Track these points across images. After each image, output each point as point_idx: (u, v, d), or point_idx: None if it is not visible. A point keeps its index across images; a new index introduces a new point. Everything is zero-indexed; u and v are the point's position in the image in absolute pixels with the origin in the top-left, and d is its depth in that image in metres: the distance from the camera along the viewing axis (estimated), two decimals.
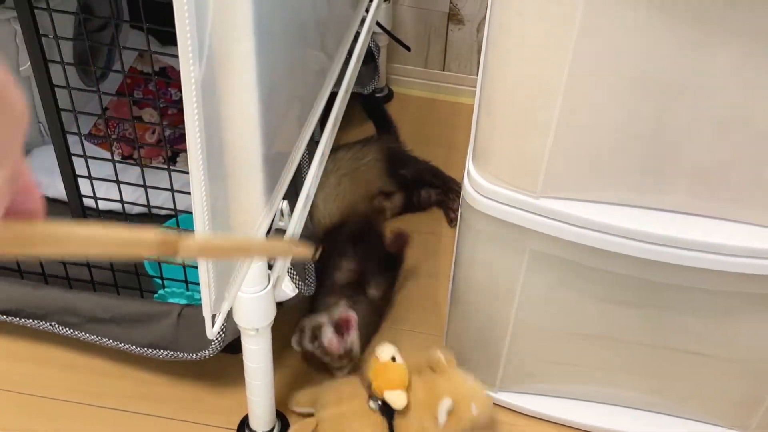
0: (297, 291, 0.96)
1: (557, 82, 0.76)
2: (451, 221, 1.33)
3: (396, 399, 0.93)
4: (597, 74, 0.75)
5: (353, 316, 1.02)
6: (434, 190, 1.35)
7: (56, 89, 0.88)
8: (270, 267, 0.86)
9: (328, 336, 1.00)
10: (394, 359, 0.96)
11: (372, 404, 0.95)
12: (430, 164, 1.37)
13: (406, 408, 0.94)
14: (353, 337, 1.01)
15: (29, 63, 1.02)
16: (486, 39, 0.83)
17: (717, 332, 0.92)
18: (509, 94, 0.81)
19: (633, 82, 0.74)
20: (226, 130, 0.68)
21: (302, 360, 1.05)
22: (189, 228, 0.97)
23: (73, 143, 0.94)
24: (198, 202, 0.64)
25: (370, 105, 1.44)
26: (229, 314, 0.89)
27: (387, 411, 0.94)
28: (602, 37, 0.72)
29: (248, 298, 0.83)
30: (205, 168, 0.62)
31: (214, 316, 0.70)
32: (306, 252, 0.42)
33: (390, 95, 1.59)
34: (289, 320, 1.05)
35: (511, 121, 0.82)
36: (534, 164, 0.82)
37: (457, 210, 1.34)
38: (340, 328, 1.01)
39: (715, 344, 0.93)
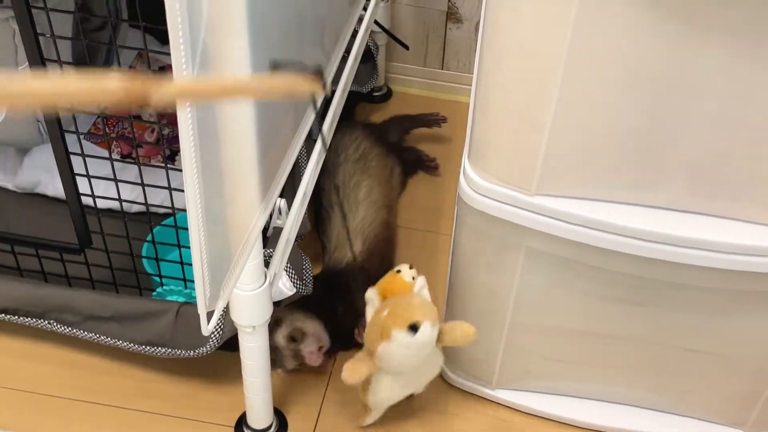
0: (295, 290, 0.96)
1: (552, 80, 0.76)
2: (435, 169, 1.39)
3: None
4: (591, 72, 0.75)
5: (322, 351, 1.03)
6: (416, 153, 1.40)
7: None
8: (267, 265, 0.87)
9: (310, 348, 1.02)
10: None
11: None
12: (399, 116, 1.45)
13: None
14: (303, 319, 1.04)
15: (27, 63, 1.03)
16: (481, 37, 0.84)
17: (714, 329, 0.92)
18: (504, 93, 0.81)
19: (627, 79, 0.75)
20: (221, 128, 0.69)
21: None
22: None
23: (72, 143, 0.94)
24: (192, 201, 0.64)
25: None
26: (227, 311, 0.90)
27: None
28: (596, 34, 0.72)
29: (245, 295, 0.83)
30: (198, 166, 0.63)
31: (209, 314, 0.70)
32: (312, 87, 0.36)
33: (389, 94, 1.59)
34: None
35: (507, 119, 0.82)
36: (529, 162, 0.83)
37: (434, 158, 1.38)
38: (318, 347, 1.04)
39: (712, 341, 0.94)
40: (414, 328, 0.89)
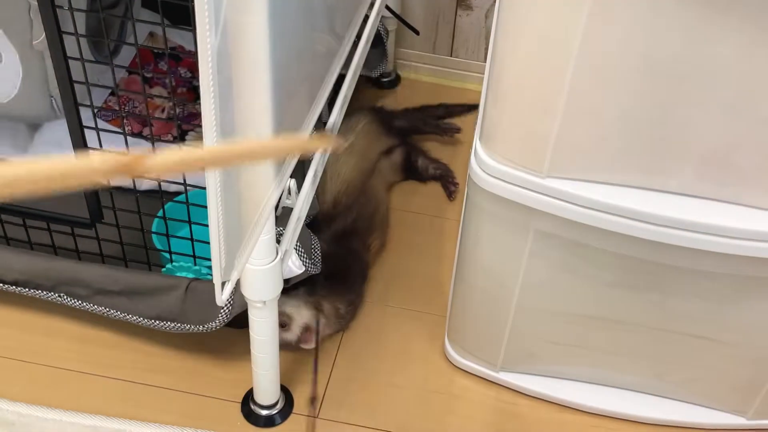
0: (304, 268, 0.97)
1: (565, 65, 0.76)
2: (451, 194, 1.36)
3: None
4: (605, 57, 0.76)
5: (311, 336, 1.07)
6: (432, 163, 1.38)
7: (70, 62, 0.89)
8: (278, 241, 0.88)
9: (297, 334, 1.05)
10: None
11: None
12: (420, 109, 1.43)
13: None
14: (292, 304, 1.07)
15: (42, 37, 1.03)
16: (496, 20, 0.84)
17: (721, 316, 0.93)
18: (518, 76, 0.82)
19: (641, 64, 0.75)
20: (239, 104, 0.70)
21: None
22: (200, 203, 0.98)
23: (86, 119, 0.95)
24: (211, 175, 0.65)
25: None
26: (236, 287, 0.91)
27: None
28: (611, 19, 0.73)
29: (256, 270, 0.84)
30: (218, 138, 0.64)
31: (223, 284, 0.71)
32: (324, 144, 0.35)
33: (397, 80, 1.60)
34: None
35: (520, 102, 0.83)
36: (541, 144, 0.83)
37: (457, 184, 1.37)
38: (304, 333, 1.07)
39: (719, 328, 0.94)
40: None
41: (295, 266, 0.97)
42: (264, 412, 1.01)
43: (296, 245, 0.96)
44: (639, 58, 0.75)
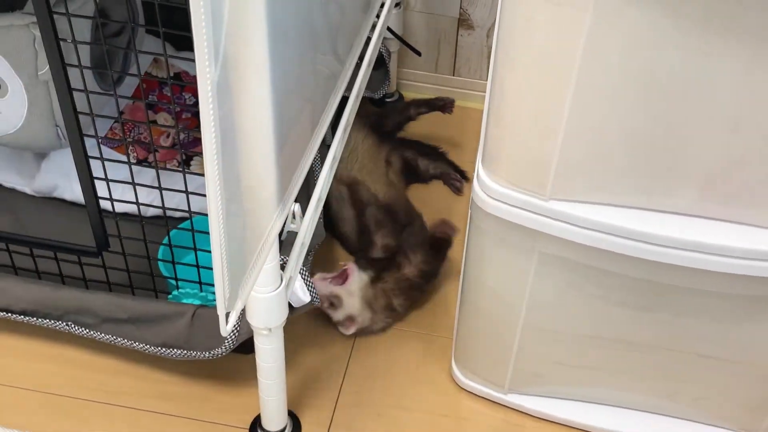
0: (309, 297, 0.96)
1: (566, 86, 0.77)
2: (457, 190, 1.37)
3: None
4: (606, 77, 0.76)
5: (353, 326, 1.11)
6: (432, 162, 1.37)
7: (74, 93, 0.90)
8: (282, 267, 0.88)
9: (340, 318, 1.10)
10: None
11: None
12: (407, 104, 1.43)
13: None
14: (346, 289, 1.11)
15: (47, 68, 1.04)
16: (495, 43, 0.84)
17: (729, 335, 0.92)
18: (518, 98, 0.82)
19: (642, 84, 0.75)
20: (240, 132, 0.70)
21: None
22: (205, 229, 0.98)
23: (90, 147, 0.96)
24: (213, 203, 0.65)
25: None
26: (242, 313, 0.91)
27: None
28: (611, 40, 0.73)
29: (261, 297, 0.84)
30: (220, 169, 0.64)
31: (227, 314, 0.71)
32: None
33: (400, 100, 1.61)
34: (302, 318, 1.07)
35: (520, 125, 0.83)
36: (543, 167, 0.83)
37: (461, 179, 1.37)
38: (338, 279, 1.10)
39: (727, 347, 0.94)
40: None
41: (301, 294, 0.97)
42: None
43: (301, 270, 0.96)
44: (640, 77, 0.75)
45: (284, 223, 0.92)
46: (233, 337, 0.96)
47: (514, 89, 0.82)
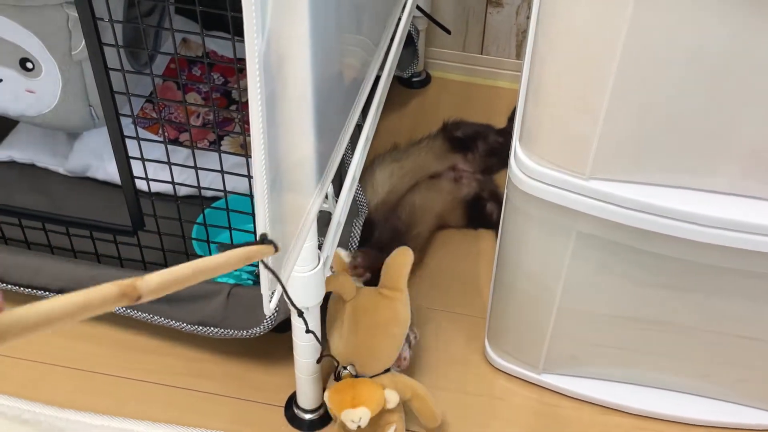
0: None
1: (609, 63, 0.76)
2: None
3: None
4: (650, 53, 0.74)
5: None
6: (498, 209, 1.19)
7: (110, 72, 0.90)
8: (320, 247, 0.88)
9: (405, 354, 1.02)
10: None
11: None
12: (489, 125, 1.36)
13: None
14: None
15: (81, 47, 1.04)
16: (534, 23, 0.83)
17: (766, 316, 0.91)
18: (558, 78, 0.81)
19: (687, 60, 0.74)
20: (283, 109, 0.70)
21: None
22: (238, 208, 0.99)
23: (124, 126, 0.96)
24: (259, 182, 0.65)
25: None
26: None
27: None
28: (656, 13, 0.71)
29: (300, 276, 0.84)
30: (266, 145, 0.64)
31: (272, 293, 0.72)
32: (265, 252, 0.39)
33: (428, 79, 1.59)
34: None
35: (561, 104, 0.82)
36: (584, 146, 0.82)
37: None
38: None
39: (765, 328, 0.93)
40: None
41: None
42: (307, 416, 1.02)
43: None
44: (685, 53, 0.73)
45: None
46: (273, 316, 0.96)
47: (554, 68, 0.81)
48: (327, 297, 0.94)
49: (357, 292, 0.96)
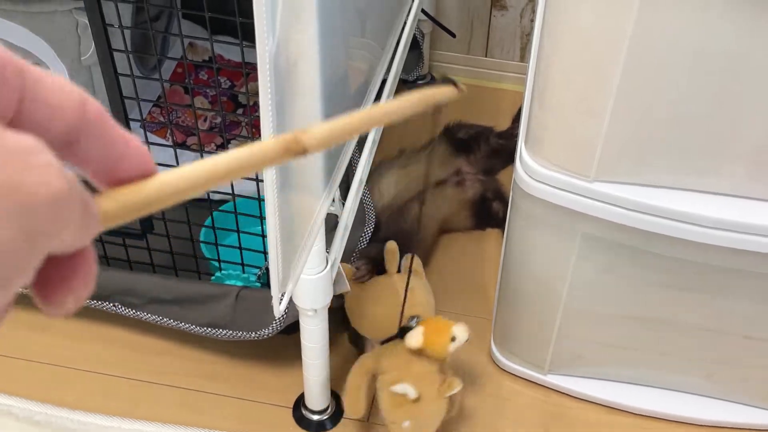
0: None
1: (614, 66, 0.76)
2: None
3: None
4: (655, 55, 0.75)
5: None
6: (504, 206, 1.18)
7: (119, 77, 0.91)
8: (327, 251, 0.89)
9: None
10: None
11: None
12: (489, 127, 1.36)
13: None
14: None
15: (90, 52, 1.06)
16: (539, 25, 0.84)
17: None
18: (564, 80, 0.82)
19: (692, 61, 0.74)
20: (292, 114, 0.71)
21: None
22: (245, 212, 1.00)
23: (132, 130, 0.97)
24: (270, 187, 0.66)
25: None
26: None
27: None
28: (661, 15, 0.72)
29: (308, 279, 0.85)
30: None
31: (282, 296, 0.73)
32: (449, 93, 0.35)
33: (433, 82, 1.60)
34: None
35: (566, 106, 0.83)
36: (589, 148, 0.83)
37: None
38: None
39: None
40: None
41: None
42: (315, 417, 1.03)
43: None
44: (690, 55, 0.74)
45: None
46: (281, 318, 0.97)
47: (559, 70, 0.82)
48: (335, 298, 0.95)
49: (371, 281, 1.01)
